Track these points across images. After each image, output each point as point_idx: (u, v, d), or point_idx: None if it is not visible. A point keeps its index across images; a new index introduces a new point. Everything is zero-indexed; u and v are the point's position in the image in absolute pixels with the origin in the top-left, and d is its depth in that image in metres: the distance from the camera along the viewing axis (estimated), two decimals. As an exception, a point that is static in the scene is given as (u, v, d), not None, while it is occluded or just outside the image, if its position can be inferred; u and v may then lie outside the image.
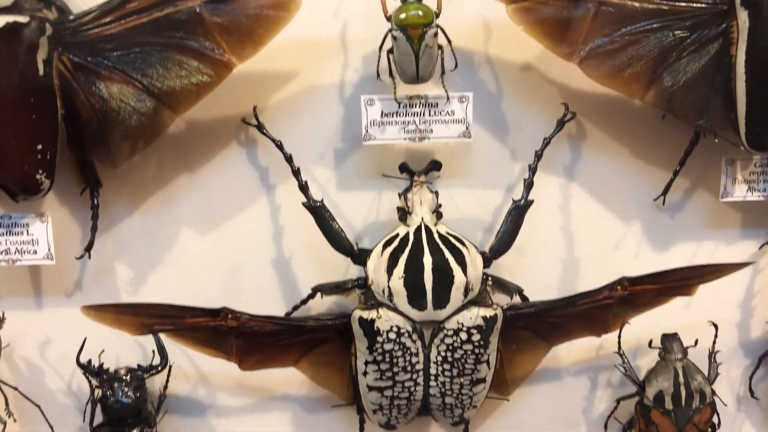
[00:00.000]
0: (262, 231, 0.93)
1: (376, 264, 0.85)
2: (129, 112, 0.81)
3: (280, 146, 0.89)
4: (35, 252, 0.87)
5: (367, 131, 0.88)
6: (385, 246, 0.85)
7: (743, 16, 0.82)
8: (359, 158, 0.93)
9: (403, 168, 0.88)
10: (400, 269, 0.83)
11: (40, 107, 0.80)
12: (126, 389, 0.86)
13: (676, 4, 0.82)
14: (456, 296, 0.84)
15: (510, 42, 0.90)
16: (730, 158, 0.91)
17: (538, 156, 0.90)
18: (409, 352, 0.85)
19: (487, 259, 0.87)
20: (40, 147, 0.81)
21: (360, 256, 0.87)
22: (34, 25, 0.78)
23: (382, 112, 0.88)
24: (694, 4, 0.82)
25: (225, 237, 0.93)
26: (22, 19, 0.78)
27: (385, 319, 0.84)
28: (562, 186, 0.95)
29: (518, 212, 0.89)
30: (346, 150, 0.93)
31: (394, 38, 0.83)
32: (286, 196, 0.93)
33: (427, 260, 0.83)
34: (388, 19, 0.83)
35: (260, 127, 0.89)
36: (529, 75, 0.92)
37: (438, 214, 0.87)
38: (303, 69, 0.91)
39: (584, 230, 0.96)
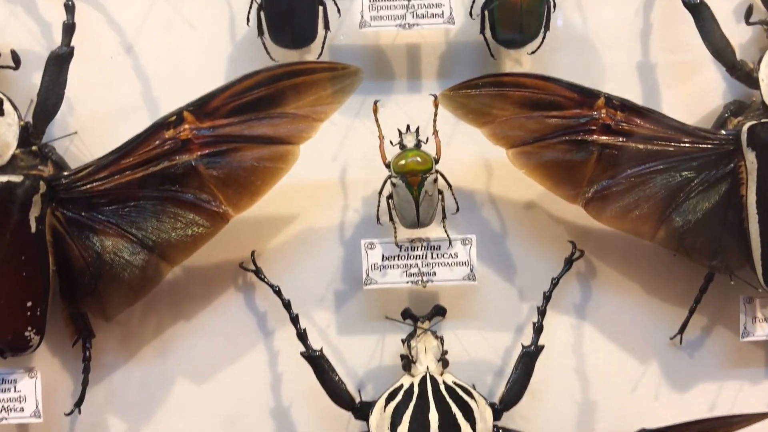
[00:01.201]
0: (259, 379, 0.89)
1: (379, 421, 0.80)
2: (123, 266, 0.79)
3: (278, 292, 0.86)
4: (22, 410, 0.82)
5: (368, 275, 0.85)
6: (388, 400, 0.81)
7: (751, 157, 0.80)
8: (360, 301, 0.89)
9: (406, 314, 0.85)
10: (404, 427, 0.78)
11: (32, 264, 0.78)
12: None
13: (681, 145, 0.81)
14: (465, 455, 0.79)
15: (512, 180, 0.88)
16: (748, 296, 0.87)
17: (547, 298, 0.86)
18: None
19: (498, 411, 0.82)
20: (30, 304, 0.78)
21: (362, 411, 0.82)
22: (28, 183, 0.77)
23: (383, 256, 0.85)
24: (700, 145, 0.81)
25: (222, 386, 0.89)
26: (16, 178, 0.77)
27: (388, 483, 0.79)
28: (573, 326, 0.91)
29: (529, 359, 0.84)
30: (347, 292, 0.90)
31: (394, 185, 0.81)
32: (285, 342, 0.89)
33: (433, 417, 0.78)
34: (387, 165, 0.82)
35: (258, 273, 0.87)
36: (534, 213, 0.90)
37: (444, 362, 0.83)
38: (302, 212, 0.89)
39: (599, 372, 0.90)
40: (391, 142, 0.83)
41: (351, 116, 0.88)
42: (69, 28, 0.79)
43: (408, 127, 0.83)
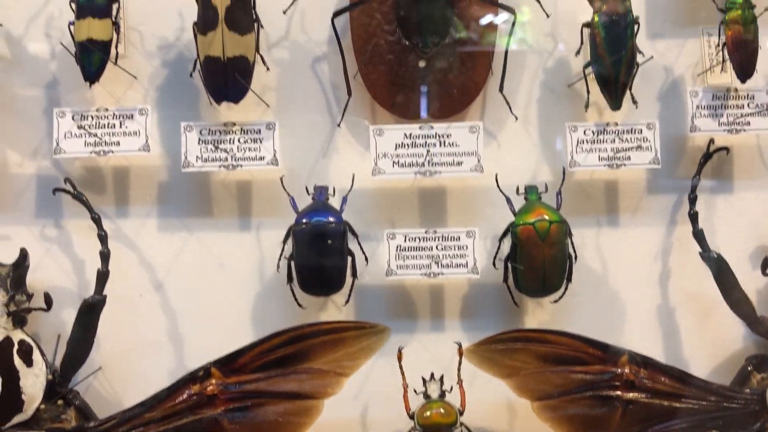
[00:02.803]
0: None
1: None
2: None
3: None
4: None
5: None
6: None
7: (779, 424, 0.81)
8: None
9: None
10: None
11: None
12: None
13: (706, 403, 0.80)
14: None
15: (536, 423, 0.86)
16: None
17: None
18: None
19: None
20: None
21: None
22: (51, 441, 0.78)
23: None
24: (725, 404, 0.80)
25: None
26: (38, 436, 0.78)
27: None
28: None
29: None
30: None
31: (417, 441, 0.82)
32: None
33: None
34: (411, 417, 0.82)
35: None
36: (558, 456, 0.89)
37: None
38: (323, 451, 0.89)
39: None
40: (415, 391, 0.83)
41: (373, 355, 0.89)
42: (103, 277, 0.81)
43: (432, 375, 0.83)
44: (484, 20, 0.88)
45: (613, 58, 0.84)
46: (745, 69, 0.86)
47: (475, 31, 0.88)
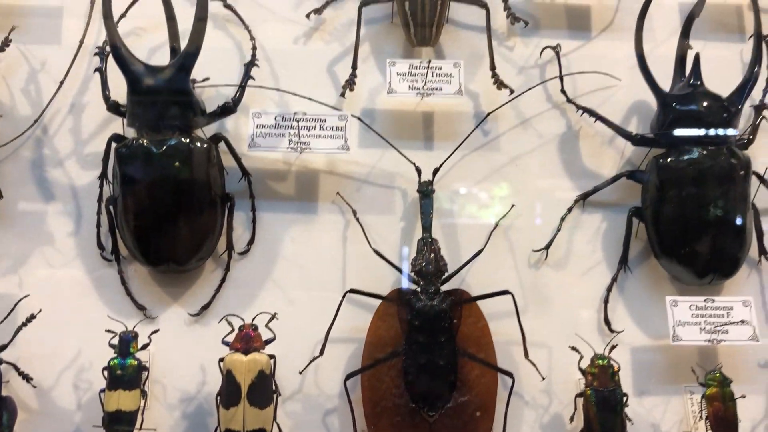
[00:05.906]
0: None
1: None
2: None
3: None
4: None
5: None
6: None
7: None
8: None
9: None
10: None
11: None
12: None
13: None
14: None
15: None
16: None
17: None
18: None
19: None
20: None
21: None
22: None
23: None
24: None
25: None
26: None
27: None
28: None
29: None
30: None
31: None
32: None
33: None
34: None
35: None
36: None
37: None
38: None
39: None
40: None
41: None
42: None
43: None
44: (485, 384, 0.95)
45: (604, 429, 0.91)
46: (727, 445, 0.92)
47: (477, 395, 0.95)
